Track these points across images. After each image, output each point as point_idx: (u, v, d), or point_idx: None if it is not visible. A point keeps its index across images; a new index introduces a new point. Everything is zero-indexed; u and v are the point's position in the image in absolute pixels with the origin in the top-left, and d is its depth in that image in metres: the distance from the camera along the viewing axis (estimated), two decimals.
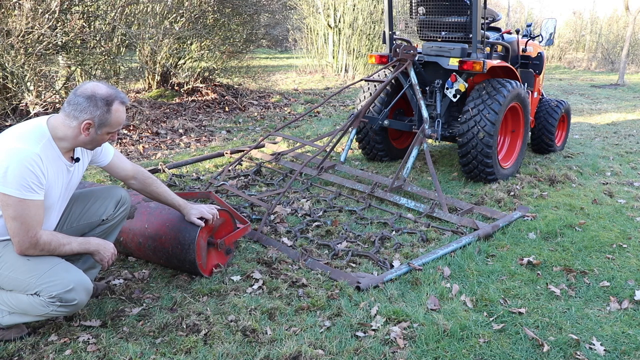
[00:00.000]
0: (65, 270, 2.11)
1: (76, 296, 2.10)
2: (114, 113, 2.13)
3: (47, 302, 2.07)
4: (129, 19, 6.77)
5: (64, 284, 2.07)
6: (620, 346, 2.33)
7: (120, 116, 2.16)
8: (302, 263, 2.95)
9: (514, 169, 4.80)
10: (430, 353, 2.23)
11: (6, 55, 5.09)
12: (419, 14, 4.77)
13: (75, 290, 2.09)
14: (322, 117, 7.72)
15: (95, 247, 2.23)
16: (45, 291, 2.05)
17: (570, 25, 22.24)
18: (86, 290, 2.14)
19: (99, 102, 2.09)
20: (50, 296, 2.05)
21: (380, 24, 11.81)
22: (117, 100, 2.14)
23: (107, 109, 2.11)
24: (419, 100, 4.43)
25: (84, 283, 2.13)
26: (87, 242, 2.22)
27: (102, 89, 2.12)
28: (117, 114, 2.15)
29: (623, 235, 3.55)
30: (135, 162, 4.93)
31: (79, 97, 2.08)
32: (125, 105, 2.20)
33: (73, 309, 2.14)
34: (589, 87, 12.81)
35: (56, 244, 2.11)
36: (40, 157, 2.01)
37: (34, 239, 2.03)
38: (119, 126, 2.19)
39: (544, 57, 5.28)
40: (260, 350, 2.18)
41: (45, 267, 2.08)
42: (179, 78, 8.35)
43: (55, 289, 2.05)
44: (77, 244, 2.18)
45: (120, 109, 2.16)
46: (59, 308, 2.09)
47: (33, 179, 1.99)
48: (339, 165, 4.54)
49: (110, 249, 2.28)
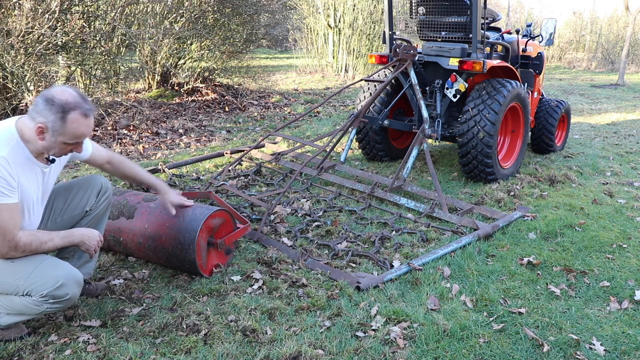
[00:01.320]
0: (53, 267, 2.08)
1: (68, 290, 2.07)
2: (70, 123, 1.99)
3: (39, 301, 2.05)
4: (129, 19, 6.77)
5: (53, 281, 2.04)
6: (620, 346, 2.33)
7: (77, 128, 2.01)
8: (302, 263, 2.95)
9: (514, 169, 4.80)
10: (430, 353, 2.23)
11: (6, 55, 5.09)
12: (419, 14, 4.77)
13: (65, 285, 2.06)
14: (322, 117, 7.72)
15: (79, 238, 2.19)
16: (35, 291, 2.03)
17: (570, 25, 22.24)
18: (77, 283, 2.12)
19: (55, 108, 1.97)
20: (42, 295, 2.04)
21: (380, 24, 11.81)
22: (77, 110, 1.99)
23: (62, 116, 1.97)
24: (419, 100, 4.43)
25: (74, 276, 2.11)
26: (70, 234, 2.18)
27: (66, 95, 2.00)
28: (73, 125, 2.00)
29: (623, 235, 3.55)
30: (135, 162, 4.93)
31: (40, 99, 1.98)
32: (88, 117, 2.04)
33: (67, 303, 2.12)
34: (589, 87, 12.81)
35: (37, 243, 2.07)
36: (7, 160, 1.96)
37: (12, 243, 1.99)
38: (76, 138, 2.05)
39: (544, 57, 5.28)
40: (260, 350, 2.18)
41: (30, 267, 2.05)
42: (179, 78, 8.35)
43: (45, 288, 2.03)
44: (59, 239, 2.14)
45: (79, 120, 2.00)
46: (52, 305, 2.08)
47: (2, 183, 1.94)
48: (339, 165, 4.54)
49: (95, 237, 2.23)
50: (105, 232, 2.82)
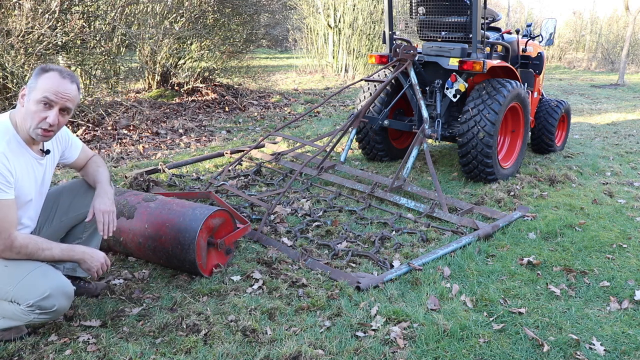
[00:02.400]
0: (42, 276, 2.01)
1: (55, 302, 2.01)
2: (44, 78, 2.03)
3: (26, 310, 2.00)
4: (129, 19, 6.77)
5: (40, 291, 1.98)
6: (620, 346, 2.33)
7: (49, 82, 2.03)
8: (302, 263, 2.95)
9: (514, 169, 4.80)
10: (430, 353, 2.23)
11: (6, 55, 5.09)
12: (419, 14, 4.77)
13: (52, 296, 2.00)
14: (322, 117, 7.72)
15: (80, 256, 2.14)
16: (22, 299, 1.98)
17: (570, 25, 22.25)
18: (65, 295, 2.05)
19: (36, 71, 2.05)
20: (28, 305, 1.98)
21: (380, 24, 11.81)
22: (54, 71, 2.05)
23: (39, 73, 2.04)
24: (419, 100, 4.43)
25: (62, 287, 2.04)
26: (72, 249, 2.14)
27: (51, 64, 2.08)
28: (47, 79, 2.03)
29: (623, 235, 3.55)
30: (135, 162, 4.93)
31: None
32: (64, 78, 2.06)
33: (54, 315, 2.06)
34: (589, 87, 12.81)
35: (34, 247, 2.03)
36: (5, 155, 1.96)
37: (8, 241, 1.96)
38: (46, 92, 2.02)
39: (544, 57, 5.28)
40: (260, 350, 2.18)
41: (21, 274, 2.00)
42: (179, 78, 8.35)
43: (31, 297, 1.98)
44: (59, 250, 2.09)
45: (53, 77, 2.04)
46: (39, 315, 2.02)
47: (0, 179, 1.94)
48: (339, 165, 4.54)
49: (100, 259, 2.18)
50: None
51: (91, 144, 5.49)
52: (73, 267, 2.45)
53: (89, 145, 5.46)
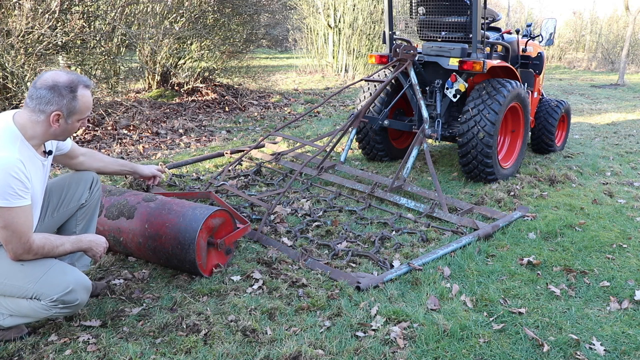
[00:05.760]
0: (62, 272, 2.10)
1: (77, 296, 2.10)
2: (81, 99, 2.07)
3: (48, 305, 2.06)
4: (129, 19, 6.77)
5: (63, 286, 2.06)
6: (620, 346, 2.33)
7: (87, 101, 2.10)
8: (302, 263, 2.95)
9: (514, 169, 4.80)
10: (430, 353, 2.23)
11: (6, 55, 5.09)
12: (419, 14, 4.77)
13: (75, 290, 2.09)
14: (322, 117, 7.72)
15: (87, 245, 2.23)
16: (44, 295, 2.05)
17: (570, 25, 22.25)
18: (86, 289, 2.15)
19: (63, 91, 2.03)
20: (51, 300, 2.05)
21: (380, 24, 11.81)
22: (80, 85, 2.08)
23: (73, 96, 2.05)
24: (419, 100, 4.43)
25: (83, 282, 2.14)
26: (79, 240, 2.22)
27: (63, 76, 2.06)
28: (83, 99, 2.09)
29: (623, 235, 3.55)
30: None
31: (41, 90, 2.01)
32: (90, 88, 2.13)
33: (75, 308, 2.15)
34: (589, 87, 12.81)
35: (50, 246, 2.09)
36: (22, 162, 1.97)
37: (27, 245, 2.01)
38: (88, 111, 2.13)
39: (544, 57, 5.28)
40: (260, 350, 2.18)
41: (40, 271, 2.07)
42: (179, 78, 8.35)
43: (55, 293, 2.05)
44: (70, 244, 2.18)
45: (86, 94, 2.10)
46: (61, 310, 2.10)
47: (19, 186, 1.95)
48: (339, 165, 4.54)
49: (102, 243, 2.29)
50: (105, 232, 2.84)
51: (91, 144, 5.49)
52: (71, 262, 2.49)
53: (89, 145, 5.47)
